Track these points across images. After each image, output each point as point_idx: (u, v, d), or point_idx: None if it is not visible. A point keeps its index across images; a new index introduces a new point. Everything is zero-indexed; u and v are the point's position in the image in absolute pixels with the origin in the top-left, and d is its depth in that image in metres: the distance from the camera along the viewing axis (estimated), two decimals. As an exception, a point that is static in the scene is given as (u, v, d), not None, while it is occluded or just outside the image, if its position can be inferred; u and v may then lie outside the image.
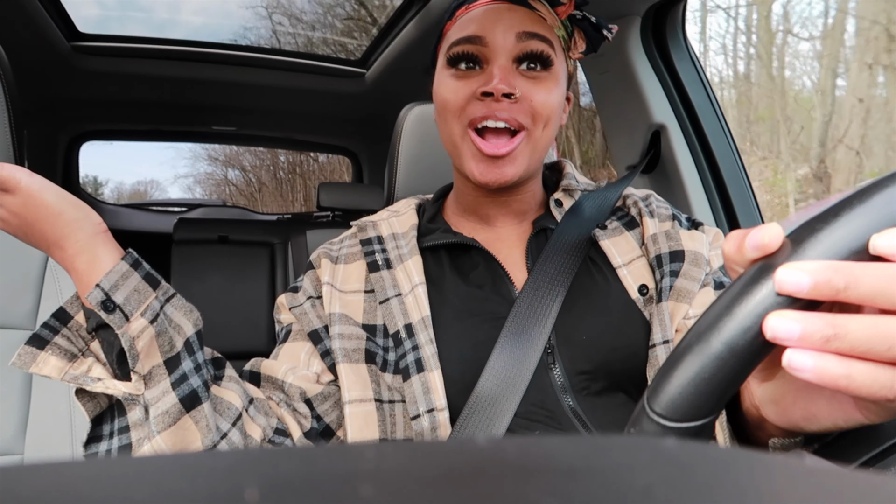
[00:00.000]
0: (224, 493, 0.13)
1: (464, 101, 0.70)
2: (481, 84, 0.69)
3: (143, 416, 0.58)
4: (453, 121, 0.71)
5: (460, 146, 0.72)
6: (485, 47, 0.69)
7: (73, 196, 0.56)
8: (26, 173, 0.53)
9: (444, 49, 0.73)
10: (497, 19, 0.69)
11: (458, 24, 0.72)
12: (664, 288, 0.70)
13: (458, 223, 0.81)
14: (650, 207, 0.79)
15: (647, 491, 0.13)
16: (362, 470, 0.14)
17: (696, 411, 0.33)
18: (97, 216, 0.57)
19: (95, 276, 0.55)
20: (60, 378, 0.56)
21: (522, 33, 0.69)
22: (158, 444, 0.57)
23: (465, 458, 0.15)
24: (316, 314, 0.74)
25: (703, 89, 1.40)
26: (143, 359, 0.56)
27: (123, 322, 0.55)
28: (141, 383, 0.57)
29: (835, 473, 0.15)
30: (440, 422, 0.65)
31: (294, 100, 2.28)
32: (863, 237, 0.30)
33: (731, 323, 0.31)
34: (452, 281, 0.74)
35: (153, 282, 0.59)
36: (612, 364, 0.68)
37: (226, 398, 0.64)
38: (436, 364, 0.67)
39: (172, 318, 0.60)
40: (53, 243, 0.55)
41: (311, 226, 1.95)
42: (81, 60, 1.85)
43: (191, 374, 0.59)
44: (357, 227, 0.82)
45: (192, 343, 0.61)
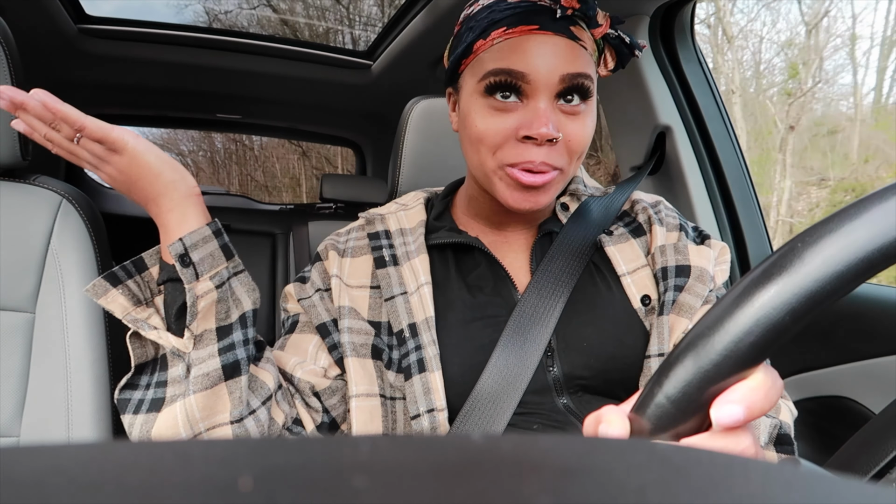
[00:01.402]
0: (218, 480, 0.13)
1: (501, 140, 0.66)
2: (522, 125, 0.65)
3: (183, 373, 0.63)
4: (488, 155, 0.67)
5: (493, 177, 0.68)
6: (527, 84, 0.65)
7: (172, 160, 0.63)
8: (133, 136, 0.60)
9: (475, 70, 0.68)
10: (541, 55, 0.64)
11: (495, 48, 0.66)
12: (667, 301, 0.70)
13: (467, 223, 0.81)
14: (659, 215, 0.79)
15: (640, 492, 0.13)
16: (356, 461, 0.14)
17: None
18: (192, 180, 0.64)
19: (181, 232, 0.62)
20: (122, 317, 0.62)
21: (566, 76, 0.65)
22: (191, 404, 0.61)
23: (460, 453, 0.15)
24: (324, 307, 0.74)
25: (710, 91, 1.39)
26: (200, 320, 0.62)
27: (193, 279, 0.62)
28: (191, 342, 0.62)
29: (829, 480, 0.15)
30: (440, 422, 0.66)
31: (300, 90, 2.28)
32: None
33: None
34: (457, 282, 0.74)
35: (228, 253, 0.66)
36: (609, 372, 0.69)
37: (261, 377, 0.68)
38: (437, 365, 0.67)
39: (235, 290, 0.66)
40: (151, 199, 0.63)
41: (314, 217, 1.95)
42: (88, 43, 1.85)
43: (238, 346, 0.64)
44: (365, 219, 0.82)
45: (247, 318, 0.67)
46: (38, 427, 0.91)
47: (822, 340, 1.17)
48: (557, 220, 0.79)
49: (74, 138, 0.60)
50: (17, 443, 0.91)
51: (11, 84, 0.92)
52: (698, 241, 0.78)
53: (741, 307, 0.31)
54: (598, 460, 0.15)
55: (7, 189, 0.96)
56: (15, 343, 0.92)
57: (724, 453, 0.17)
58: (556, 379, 0.68)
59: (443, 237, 0.76)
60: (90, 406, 0.92)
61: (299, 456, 0.15)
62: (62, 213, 0.96)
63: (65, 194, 0.98)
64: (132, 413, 0.62)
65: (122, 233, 1.36)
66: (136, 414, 0.62)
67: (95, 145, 0.60)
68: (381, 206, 0.85)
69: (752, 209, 1.37)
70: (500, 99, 0.66)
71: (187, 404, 0.61)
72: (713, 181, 1.36)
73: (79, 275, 0.95)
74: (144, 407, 0.62)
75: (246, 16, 2.57)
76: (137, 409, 0.63)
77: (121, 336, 1.03)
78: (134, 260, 0.64)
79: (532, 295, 0.70)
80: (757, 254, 1.35)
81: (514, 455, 0.15)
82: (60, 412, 0.91)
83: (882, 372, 1.05)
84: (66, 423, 0.91)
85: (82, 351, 0.93)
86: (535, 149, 0.65)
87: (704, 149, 1.37)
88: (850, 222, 0.30)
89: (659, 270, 0.73)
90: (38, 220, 0.95)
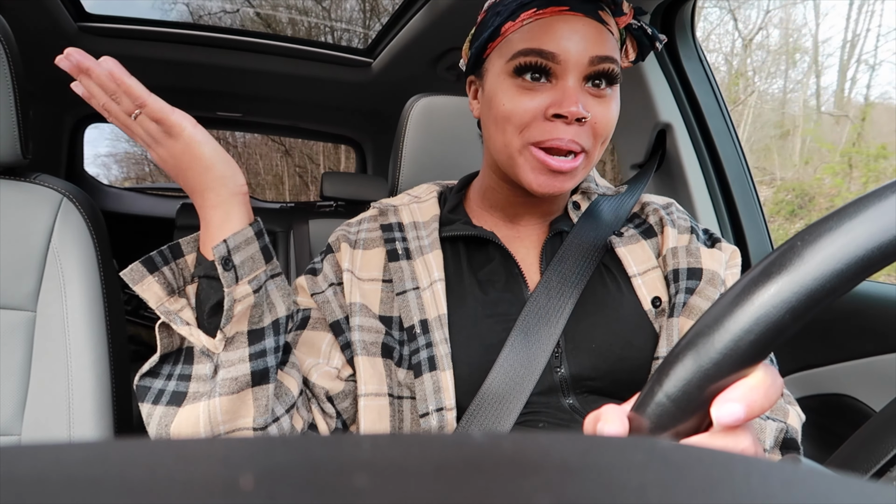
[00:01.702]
0: (219, 478, 0.13)
1: (529, 118, 0.66)
2: (551, 103, 0.65)
3: (210, 373, 0.61)
4: (514, 134, 0.67)
5: (517, 158, 0.68)
6: (557, 64, 0.65)
7: (226, 154, 0.61)
8: (191, 122, 0.58)
9: (503, 51, 0.68)
10: (571, 36, 0.65)
11: (524, 29, 0.67)
12: (677, 303, 0.69)
13: (481, 216, 0.80)
14: (671, 217, 0.78)
15: (640, 490, 0.13)
16: (357, 460, 0.14)
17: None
18: (242, 178, 0.62)
19: (224, 231, 0.60)
20: (156, 307, 0.60)
21: (596, 58, 0.65)
22: (215, 406, 0.60)
23: (461, 451, 0.15)
24: (338, 303, 0.73)
25: (711, 89, 1.39)
26: (234, 322, 0.60)
27: (233, 282, 0.60)
28: (222, 343, 0.60)
29: (829, 479, 0.15)
30: (448, 421, 0.65)
31: (300, 88, 2.27)
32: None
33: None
34: (469, 276, 0.73)
35: (267, 255, 0.64)
36: (616, 374, 0.68)
37: (286, 384, 0.66)
38: (448, 364, 0.67)
39: (271, 294, 0.64)
40: (198, 191, 0.61)
41: (314, 215, 1.95)
42: (88, 41, 1.85)
43: (269, 353, 0.63)
44: (378, 209, 0.81)
45: (280, 324, 0.64)
46: (39, 426, 0.91)
47: (823, 338, 1.17)
48: (568, 219, 0.78)
49: (133, 114, 0.58)
50: (19, 441, 0.91)
51: (11, 82, 0.92)
52: (709, 244, 0.78)
53: (741, 306, 0.31)
54: (598, 459, 0.15)
55: (7, 187, 0.96)
56: (16, 342, 0.92)
57: (725, 452, 0.17)
58: (564, 379, 0.68)
59: (458, 230, 0.76)
60: (91, 404, 0.92)
61: (301, 454, 0.15)
62: (63, 211, 0.96)
63: (65, 193, 0.98)
64: (151, 403, 0.61)
65: (122, 231, 1.36)
66: (155, 404, 0.61)
67: (152, 125, 0.58)
68: (394, 197, 0.84)
69: (753, 207, 1.37)
70: (531, 79, 0.66)
71: (211, 406, 0.60)
72: (714, 178, 1.36)
73: (79, 273, 0.95)
74: (165, 398, 0.61)
75: (244, 14, 2.57)
76: (157, 399, 0.61)
77: (122, 334, 1.03)
78: (171, 245, 0.62)
79: (542, 294, 0.69)
80: (758, 251, 1.35)
81: (515, 453, 0.15)
82: (61, 411, 0.91)
83: (882, 370, 1.05)
84: (67, 421, 0.91)
85: (83, 349, 0.93)
86: (564, 127, 0.65)
87: (705, 146, 1.36)
88: (849, 220, 0.30)
89: (670, 272, 0.73)
90: (39, 218, 0.95)
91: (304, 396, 0.69)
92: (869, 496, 0.14)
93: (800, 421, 0.70)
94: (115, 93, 0.57)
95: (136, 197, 2.97)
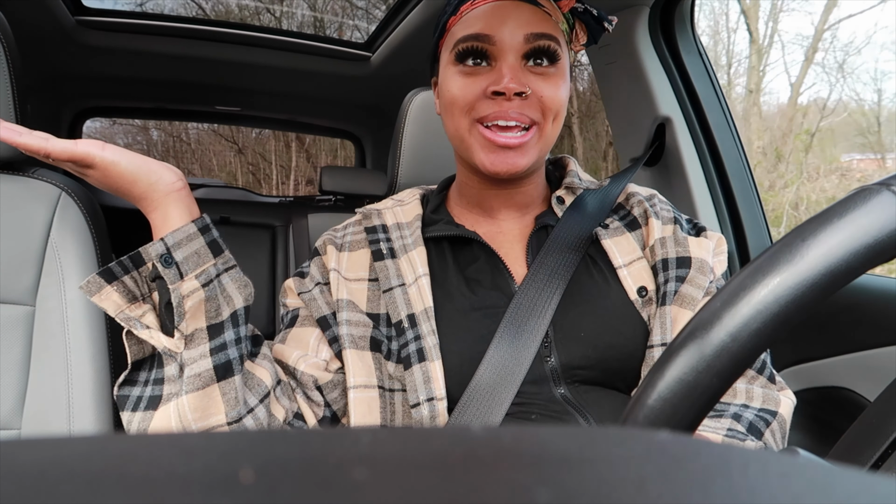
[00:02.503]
0: (219, 472, 0.13)
1: (473, 98, 0.70)
2: (491, 82, 0.69)
3: (177, 373, 0.62)
4: (461, 116, 0.71)
5: (468, 139, 0.71)
6: (493, 46, 0.69)
7: (147, 162, 0.62)
8: (99, 148, 0.60)
9: (448, 44, 0.73)
10: (504, 18, 0.69)
11: (463, 20, 0.72)
12: (669, 292, 0.71)
13: (462, 214, 0.82)
14: (655, 208, 0.80)
15: (640, 483, 0.13)
16: (357, 454, 0.14)
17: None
18: (172, 177, 0.63)
19: (164, 232, 0.62)
20: (115, 315, 0.61)
21: (530, 34, 0.69)
22: (183, 405, 0.61)
23: (460, 444, 0.15)
24: (325, 300, 0.74)
25: (710, 82, 1.39)
26: (189, 319, 0.61)
27: (177, 279, 0.61)
28: (182, 342, 0.61)
29: (826, 470, 0.15)
30: (439, 411, 0.66)
31: (299, 82, 2.27)
32: None
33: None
34: (455, 275, 0.75)
35: (216, 249, 0.64)
36: (607, 361, 0.69)
37: (258, 374, 0.67)
38: (437, 354, 0.68)
39: (226, 287, 0.65)
40: (136, 201, 0.63)
41: (313, 209, 1.95)
42: (86, 35, 1.84)
43: (230, 345, 0.63)
44: (362, 214, 0.82)
45: (239, 316, 0.65)
46: (38, 420, 0.91)
47: (821, 331, 1.17)
48: (553, 214, 0.80)
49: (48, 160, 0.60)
50: (19, 435, 0.91)
51: (9, 77, 0.92)
52: (693, 232, 0.80)
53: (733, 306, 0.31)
54: (597, 451, 0.15)
55: (6, 182, 0.95)
56: (15, 336, 0.92)
57: (723, 444, 0.17)
58: (554, 369, 0.69)
59: (440, 230, 0.77)
60: (91, 398, 0.93)
61: (300, 448, 0.15)
62: (61, 205, 0.96)
63: (64, 187, 0.97)
64: (130, 410, 0.62)
65: (121, 225, 1.36)
66: (133, 411, 0.62)
67: (67, 164, 0.60)
68: (377, 203, 0.86)
69: (752, 201, 1.37)
70: (471, 64, 0.71)
71: (180, 405, 0.61)
72: (713, 172, 1.36)
73: (78, 268, 0.95)
74: (142, 405, 0.62)
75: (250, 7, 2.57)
76: (136, 406, 0.62)
77: (121, 329, 1.03)
78: (131, 255, 0.63)
79: (529, 287, 0.71)
80: (756, 245, 1.35)
81: (514, 446, 0.15)
82: (61, 405, 0.91)
83: (880, 362, 1.05)
84: (66, 415, 0.91)
85: (82, 344, 0.93)
86: (507, 103, 0.68)
87: (704, 140, 1.36)
88: (840, 219, 0.30)
89: (659, 262, 0.74)
90: (38, 212, 0.95)
91: (285, 386, 0.70)
92: (866, 487, 0.14)
93: (791, 405, 0.72)
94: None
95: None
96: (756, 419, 0.67)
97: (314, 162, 9.49)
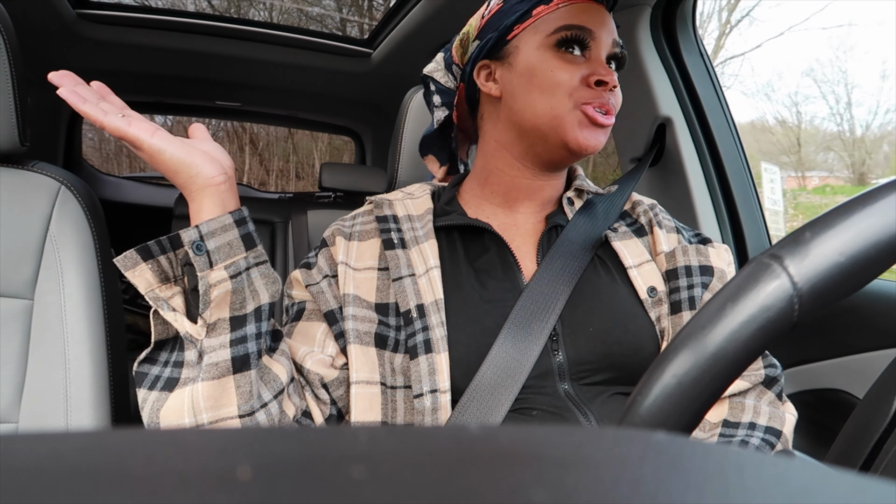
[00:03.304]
0: (217, 469, 0.13)
1: (578, 82, 0.73)
2: (591, 72, 0.73)
3: (195, 359, 0.63)
4: (563, 98, 0.73)
5: (567, 117, 0.73)
6: (592, 40, 0.74)
7: (191, 153, 0.64)
8: (149, 134, 0.62)
9: (541, 28, 0.75)
10: (602, 19, 0.75)
11: (560, 11, 0.75)
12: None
13: (477, 207, 0.83)
14: (657, 218, 0.83)
15: (635, 484, 0.13)
16: (355, 451, 0.14)
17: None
18: (213, 171, 0.64)
19: (199, 220, 0.63)
20: (145, 292, 0.62)
21: (615, 41, 0.76)
22: (197, 392, 0.61)
23: (458, 444, 0.15)
24: (332, 294, 0.75)
25: (711, 83, 1.39)
26: (214, 308, 0.62)
27: (207, 267, 0.62)
28: (203, 329, 0.62)
29: (822, 472, 0.15)
30: (442, 403, 0.67)
31: (299, 78, 2.26)
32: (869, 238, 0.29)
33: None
34: (465, 266, 0.75)
35: (249, 243, 0.65)
36: (614, 357, 0.70)
37: (274, 370, 0.67)
38: (444, 347, 0.68)
39: (254, 281, 0.65)
40: (179, 187, 0.65)
41: (313, 205, 1.95)
42: (86, 28, 1.83)
43: (250, 339, 0.64)
44: (374, 203, 0.83)
45: (263, 311, 0.66)
46: (36, 413, 0.91)
47: (819, 333, 1.17)
48: (563, 214, 0.81)
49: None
50: (16, 429, 0.91)
51: (9, 69, 0.91)
52: (695, 240, 0.83)
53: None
54: (593, 452, 0.15)
55: (5, 175, 0.95)
56: (13, 329, 0.92)
57: (720, 446, 0.17)
58: (561, 364, 0.70)
59: (453, 220, 0.78)
60: (89, 392, 0.93)
61: (298, 446, 0.15)
62: (61, 199, 0.96)
63: (63, 181, 0.97)
64: (147, 388, 0.63)
65: (120, 219, 1.36)
66: (150, 390, 0.63)
67: (123, 141, 0.63)
68: (388, 193, 0.86)
69: (752, 203, 1.37)
70: (568, 52, 0.74)
71: (194, 391, 0.61)
72: (713, 174, 1.36)
73: (77, 262, 0.95)
74: (159, 385, 0.63)
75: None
76: (153, 385, 0.63)
77: (119, 323, 1.03)
78: (171, 235, 0.64)
79: (538, 282, 0.72)
80: (755, 248, 1.35)
81: (511, 446, 0.15)
82: (59, 399, 0.92)
83: (877, 365, 1.05)
84: (64, 409, 0.91)
85: (81, 338, 0.93)
86: (605, 93, 0.73)
87: (705, 141, 1.36)
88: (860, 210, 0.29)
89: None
90: (37, 206, 0.95)
91: (296, 384, 0.71)
92: (860, 490, 0.14)
93: (793, 421, 0.74)
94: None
95: (134, 185, 2.96)
96: (762, 444, 0.69)
97: (266, 166, 9.36)
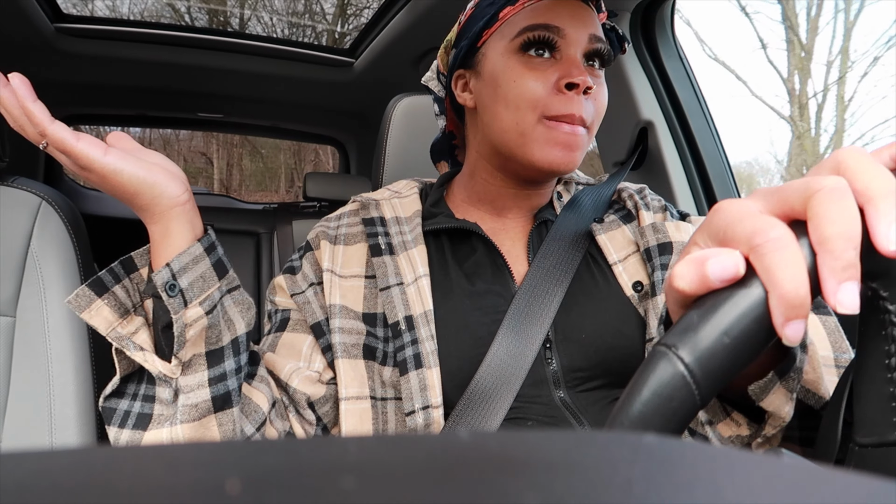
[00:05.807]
0: (205, 483, 0.13)
1: (543, 91, 0.67)
2: (561, 75, 0.67)
3: (171, 397, 0.59)
4: (528, 111, 0.68)
5: (530, 133, 0.68)
6: (562, 39, 0.68)
7: (152, 172, 0.55)
8: (101, 153, 0.53)
9: (506, 32, 0.70)
10: (572, 14, 0.69)
11: (527, 9, 0.69)
12: (656, 282, 0.69)
13: (465, 210, 0.80)
14: (645, 200, 0.80)
15: (626, 486, 0.13)
16: (344, 462, 0.14)
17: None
18: (178, 189, 0.57)
19: (165, 250, 0.56)
20: (106, 333, 0.56)
21: (593, 36, 0.69)
22: (178, 434, 0.57)
23: (448, 451, 0.15)
24: (319, 304, 0.71)
25: (691, 86, 1.40)
26: (189, 346, 0.57)
27: (182, 307, 0.56)
28: (178, 368, 0.57)
29: (812, 471, 0.15)
30: (434, 419, 0.64)
31: (282, 88, 2.26)
32: None
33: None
34: (454, 269, 0.73)
35: (221, 270, 0.60)
36: (608, 363, 0.68)
37: (255, 399, 0.64)
38: (435, 361, 0.66)
39: (228, 311, 0.61)
40: (136, 210, 0.57)
41: (298, 216, 1.94)
42: (65, 42, 1.82)
43: (230, 375, 0.60)
44: (359, 203, 0.79)
45: (240, 343, 0.61)
46: (20, 431, 0.90)
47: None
48: (552, 209, 0.79)
49: (41, 143, 0.53)
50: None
51: None
52: (677, 218, 0.79)
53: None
54: (584, 455, 0.15)
55: (-16, 191, 0.94)
56: (-5, 347, 0.91)
57: (710, 447, 0.17)
58: (555, 372, 0.67)
59: (441, 222, 0.75)
60: (73, 410, 0.91)
61: (287, 457, 0.15)
62: (42, 215, 0.95)
63: (44, 196, 0.96)
64: (118, 426, 0.58)
65: (103, 234, 1.34)
66: (121, 428, 0.58)
67: (61, 156, 0.53)
68: (374, 192, 0.83)
69: (734, 203, 1.38)
70: (535, 55, 0.68)
71: (174, 433, 0.57)
72: (695, 176, 1.37)
73: (60, 277, 0.94)
74: (130, 421, 0.58)
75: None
76: (123, 422, 0.59)
77: (104, 339, 1.01)
78: (122, 260, 0.59)
79: (530, 285, 0.69)
80: (739, 247, 1.36)
81: (501, 452, 0.15)
82: (43, 416, 0.90)
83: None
84: (48, 427, 0.90)
85: (65, 354, 0.92)
86: (577, 99, 0.67)
87: (686, 144, 1.38)
88: None
89: (643, 252, 0.73)
90: (18, 222, 0.94)
91: (279, 405, 0.68)
92: (847, 488, 0.14)
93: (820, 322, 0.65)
94: (19, 118, 0.52)
95: (116, 200, 2.92)
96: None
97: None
